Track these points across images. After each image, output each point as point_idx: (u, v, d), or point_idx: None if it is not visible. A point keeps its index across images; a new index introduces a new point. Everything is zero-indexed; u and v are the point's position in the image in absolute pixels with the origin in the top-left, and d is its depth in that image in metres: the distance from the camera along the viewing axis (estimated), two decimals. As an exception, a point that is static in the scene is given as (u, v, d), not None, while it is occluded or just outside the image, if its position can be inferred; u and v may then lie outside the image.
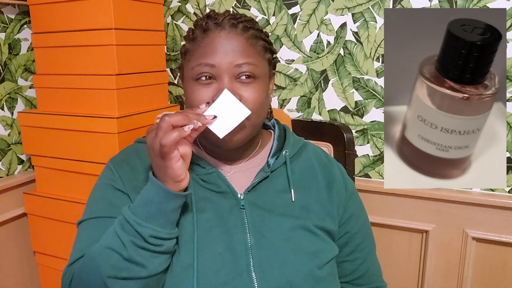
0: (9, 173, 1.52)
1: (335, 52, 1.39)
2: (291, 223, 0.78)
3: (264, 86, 0.78)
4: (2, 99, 1.47)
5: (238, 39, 0.75)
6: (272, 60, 0.83)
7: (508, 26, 1.19)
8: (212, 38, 0.75)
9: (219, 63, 0.74)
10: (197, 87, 0.75)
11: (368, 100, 1.38)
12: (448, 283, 1.37)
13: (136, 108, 1.41)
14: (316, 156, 0.89)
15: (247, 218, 0.77)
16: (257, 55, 0.77)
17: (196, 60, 0.76)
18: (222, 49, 0.74)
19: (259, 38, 0.78)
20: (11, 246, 1.54)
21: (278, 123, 0.91)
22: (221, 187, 0.79)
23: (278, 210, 0.79)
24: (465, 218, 1.31)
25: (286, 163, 0.83)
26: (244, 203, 0.78)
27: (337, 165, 0.91)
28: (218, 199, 0.78)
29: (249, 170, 0.83)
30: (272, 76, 0.85)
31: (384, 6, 1.30)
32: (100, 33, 1.31)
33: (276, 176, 0.82)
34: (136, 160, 0.82)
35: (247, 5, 1.46)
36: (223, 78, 0.74)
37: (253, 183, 0.80)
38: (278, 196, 0.81)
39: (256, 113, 0.76)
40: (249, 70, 0.74)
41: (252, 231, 0.76)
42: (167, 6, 1.58)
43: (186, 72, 0.79)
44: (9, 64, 1.48)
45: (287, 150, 0.84)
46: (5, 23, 1.45)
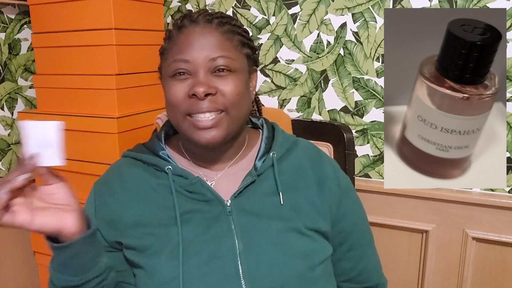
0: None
1: (335, 52, 1.39)
2: (280, 225, 0.76)
3: (242, 79, 0.76)
4: (2, 99, 1.47)
5: (213, 34, 0.74)
6: (251, 56, 0.80)
7: (508, 26, 1.19)
8: (186, 34, 0.74)
9: (194, 58, 0.73)
10: (173, 83, 0.74)
11: (368, 100, 1.38)
12: (448, 283, 1.37)
13: (136, 108, 1.41)
14: (306, 154, 0.86)
15: (234, 224, 0.75)
16: (233, 49, 0.75)
17: (172, 57, 0.75)
18: (197, 44, 0.73)
19: (235, 33, 0.77)
20: (11, 246, 1.54)
21: (266, 122, 0.88)
22: (206, 195, 0.77)
23: (266, 213, 0.77)
24: (465, 218, 1.31)
25: (273, 166, 0.80)
26: (230, 209, 0.76)
27: (329, 161, 0.87)
28: (204, 208, 0.76)
29: (236, 174, 0.80)
30: (254, 72, 0.83)
31: (384, 6, 1.30)
32: (100, 33, 1.31)
33: (264, 179, 0.79)
34: (116, 180, 0.81)
35: (247, 5, 1.46)
36: (199, 73, 0.72)
37: (240, 188, 0.77)
38: (266, 198, 0.78)
39: (235, 106, 0.74)
40: (224, 64, 0.73)
41: (240, 236, 0.74)
42: (167, 6, 1.58)
43: (163, 71, 0.79)
44: (9, 64, 1.48)
45: (275, 151, 0.81)
46: (5, 23, 1.45)
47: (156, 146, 0.82)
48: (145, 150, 0.83)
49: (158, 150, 0.81)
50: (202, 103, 0.72)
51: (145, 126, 1.41)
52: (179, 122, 0.75)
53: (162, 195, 0.77)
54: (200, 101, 0.72)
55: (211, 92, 0.72)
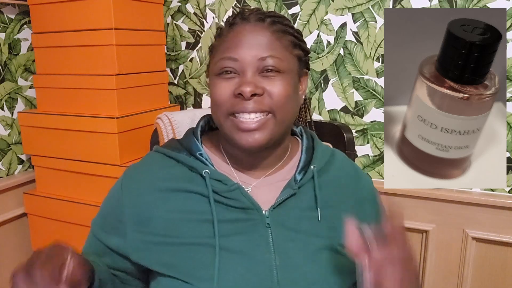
0: (9, 173, 1.52)
1: (335, 52, 1.39)
2: (317, 243, 0.74)
3: (291, 81, 0.73)
4: (2, 99, 1.47)
5: (263, 33, 0.71)
6: (303, 58, 0.77)
7: (508, 26, 1.19)
8: (237, 32, 0.72)
9: (242, 57, 0.70)
10: (219, 81, 0.72)
11: (368, 100, 1.38)
12: (448, 283, 1.37)
13: (136, 108, 1.41)
14: (344, 169, 0.83)
15: (272, 237, 0.72)
16: (283, 50, 0.72)
17: (220, 55, 0.72)
18: (246, 43, 0.70)
19: (287, 32, 0.74)
20: (11, 246, 1.54)
21: (305, 131, 0.85)
22: (244, 203, 0.73)
23: (304, 229, 0.74)
24: (465, 218, 1.31)
25: (313, 178, 0.77)
26: (269, 221, 0.73)
27: (365, 177, 0.86)
28: (241, 217, 0.73)
29: (275, 184, 0.77)
30: (305, 75, 0.79)
31: (384, 6, 1.30)
32: (100, 33, 1.32)
33: (303, 192, 0.76)
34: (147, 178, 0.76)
35: (247, 5, 1.46)
36: (246, 72, 0.70)
37: (279, 200, 0.74)
38: (304, 213, 0.75)
39: (281, 109, 0.70)
40: (274, 64, 0.70)
41: (277, 251, 0.71)
42: (167, 6, 1.58)
43: (211, 68, 0.75)
44: (9, 64, 1.48)
45: (315, 164, 0.78)
46: (5, 23, 1.45)
47: (193, 145, 0.77)
48: (180, 147, 0.78)
49: (195, 150, 0.77)
50: (247, 103, 0.69)
51: (145, 126, 1.41)
52: (222, 122, 0.72)
53: (195, 201, 0.73)
54: (246, 101, 0.69)
55: (258, 92, 0.69)
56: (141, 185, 0.75)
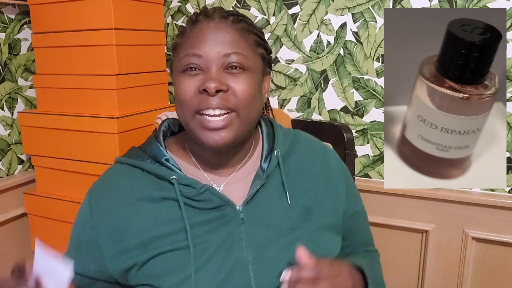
0: (9, 173, 1.52)
1: (335, 52, 1.39)
2: (290, 234, 0.74)
3: (255, 80, 0.72)
4: (2, 99, 1.47)
5: (227, 30, 0.71)
6: (266, 57, 0.77)
7: (508, 26, 1.19)
8: (200, 29, 0.71)
9: (207, 53, 0.69)
10: (184, 78, 0.71)
11: (368, 100, 1.38)
12: (448, 283, 1.37)
13: (136, 108, 1.41)
14: (309, 148, 0.84)
15: (246, 233, 0.72)
16: (248, 48, 0.72)
17: (184, 51, 0.72)
18: (211, 39, 0.70)
19: (251, 32, 0.74)
20: (11, 246, 1.54)
21: (263, 119, 0.85)
22: (215, 202, 0.73)
23: (277, 221, 0.74)
24: (465, 218, 1.31)
25: (279, 164, 0.77)
26: (243, 216, 0.73)
27: (330, 151, 0.86)
28: (214, 216, 0.73)
29: (245, 178, 0.77)
30: (267, 74, 0.79)
31: (384, 6, 1.30)
32: (100, 33, 1.31)
33: (272, 180, 0.77)
34: (114, 192, 0.76)
35: (247, 5, 1.46)
36: (211, 69, 0.69)
37: (251, 193, 0.74)
38: (277, 203, 0.76)
39: (246, 107, 0.70)
40: (238, 61, 0.70)
41: (251, 246, 0.72)
42: (167, 6, 1.58)
43: (175, 66, 0.75)
44: (9, 64, 1.48)
45: (279, 149, 0.78)
46: (5, 23, 1.45)
47: (158, 152, 0.76)
48: (144, 155, 0.77)
49: (160, 156, 0.76)
50: (212, 100, 0.68)
51: (145, 126, 1.41)
52: (188, 121, 0.71)
53: (167, 208, 0.73)
54: (210, 97, 0.68)
55: (223, 88, 0.68)
56: (110, 201, 0.75)
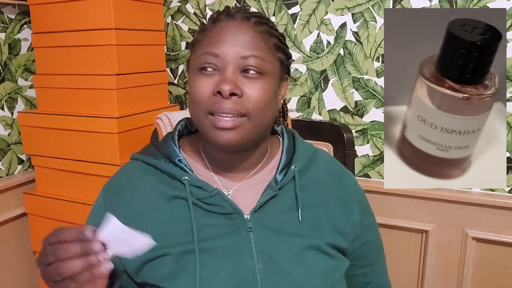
0: (9, 173, 1.52)
1: (335, 52, 1.39)
2: (301, 243, 0.73)
3: (272, 85, 0.71)
4: (2, 99, 1.47)
5: (248, 31, 0.69)
6: (285, 62, 0.76)
7: (508, 26, 1.19)
8: (221, 27, 0.70)
9: (224, 53, 0.68)
10: (199, 77, 0.69)
11: (368, 100, 1.38)
12: (448, 283, 1.37)
13: (136, 108, 1.41)
14: (327, 168, 0.82)
15: (254, 241, 0.71)
16: (267, 51, 0.70)
17: (202, 50, 0.70)
18: (230, 39, 0.68)
19: (272, 35, 0.72)
20: (11, 246, 1.54)
21: (286, 131, 0.84)
22: (225, 208, 0.72)
23: (287, 230, 0.73)
24: (465, 218, 1.31)
25: (294, 179, 0.76)
26: (251, 225, 0.72)
27: (348, 175, 0.85)
28: (223, 222, 0.72)
29: (256, 186, 0.76)
30: (285, 80, 0.78)
31: (384, 6, 1.30)
32: (100, 33, 1.31)
33: (284, 193, 0.76)
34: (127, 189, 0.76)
35: (247, 5, 1.46)
36: (227, 69, 0.68)
37: (260, 202, 0.73)
38: (286, 214, 0.75)
39: (258, 113, 0.69)
40: (256, 64, 0.68)
41: (260, 254, 0.71)
42: (167, 6, 1.58)
43: (191, 63, 0.73)
44: (9, 64, 1.48)
45: (296, 164, 0.77)
46: (5, 23, 1.45)
47: (172, 152, 0.76)
48: (159, 154, 0.77)
49: (174, 156, 0.76)
50: (225, 103, 0.67)
51: (145, 126, 1.41)
52: (200, 120, 0.71)
53: (177, 207, 0.73)
54: (224, 100, 0.67)
55: (237, 92, 0.67)
56: (124, 197, 0.75)
